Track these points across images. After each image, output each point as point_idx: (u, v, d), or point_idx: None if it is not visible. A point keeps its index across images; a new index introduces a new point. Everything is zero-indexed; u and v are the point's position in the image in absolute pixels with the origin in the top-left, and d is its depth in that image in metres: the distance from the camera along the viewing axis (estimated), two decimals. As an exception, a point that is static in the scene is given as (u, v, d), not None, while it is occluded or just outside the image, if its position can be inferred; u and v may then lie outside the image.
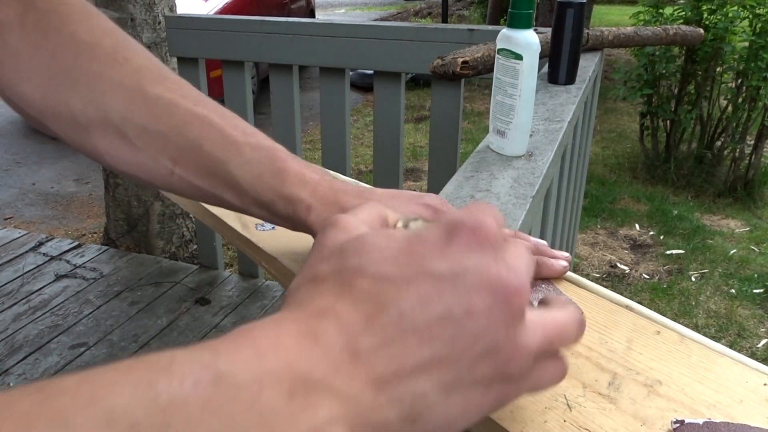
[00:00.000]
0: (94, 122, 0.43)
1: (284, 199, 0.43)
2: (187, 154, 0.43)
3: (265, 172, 0.43)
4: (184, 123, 0.43)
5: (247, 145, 0.43)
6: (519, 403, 0.37)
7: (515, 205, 0.67)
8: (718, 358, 0.41)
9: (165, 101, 0.43)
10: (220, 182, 0.44)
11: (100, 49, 0.43)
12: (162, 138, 0.43)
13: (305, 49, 1.81)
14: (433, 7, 11.47)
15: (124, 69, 0.43)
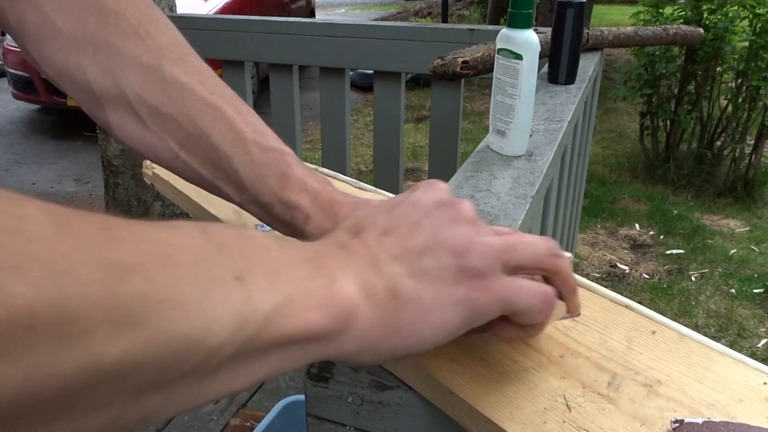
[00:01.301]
0: (109, 95, 0.43)
1: (284, 204, 0.43)
2: (195, 141, 0.43)
3: (268, 174, 0.43)
4: (196, 110, 0.43)
5: (255, 144, 0.44)
6: (518, 403, 0.37)
7: (515, 205, 0.67)
8: (718, 358, 0.41)
9: (180, 84, 0.44)
10: (223, 175, 0.44)
11: (124, 20, 0.43)
12: (172, 121, 0.43)
13: (305, 49, 1.81)
14: (433, 7, 11.47)
15: (145, 44, 0.44)
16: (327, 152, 1.95)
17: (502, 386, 0.38)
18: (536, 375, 0.39)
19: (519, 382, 0.38)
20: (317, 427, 0.44)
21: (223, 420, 1.66)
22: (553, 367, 0.40)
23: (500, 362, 0.40)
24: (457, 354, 0.40)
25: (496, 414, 0.36)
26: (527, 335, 0.36)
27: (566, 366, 0.40)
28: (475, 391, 0.37)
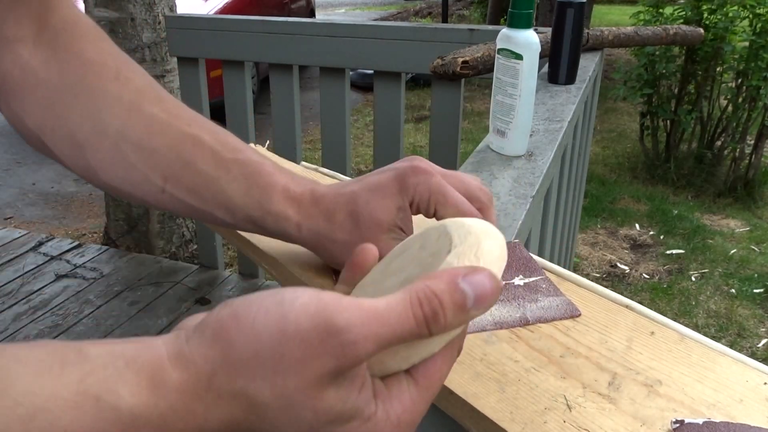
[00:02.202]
0: (91, 137, 0.44)
1: (273, 216, 0.44)
2: (179, 172, 0.44)
3: (252, 187, 0.44)
4: (177, 141, 0.44)
5: (235, 162, 0.45)
6: (518, 403, 0.37)
7: (515, 205, 0.67)
8: (718, 358, 0.41)
9: (160, 120, 0.45)
10: (211, 200, 0.45)
11: (105, 68, 0.46)
12: (155, 155, 0.44)
13: (305, 49, 1.81)
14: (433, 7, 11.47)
15: (125, 87, 0.45)
16: (327, 152, 1.95)
17: (503, 386, 0.38)
18: (537, 375, 0.39)
19: (519, 382, 0.38)
20: (317, 427, 0.44)
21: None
22: (553, 367, 0.40)
23: (500, 362, 0.40)
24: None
25: (497, 414, 0.36)
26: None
27: (567, 366, 0.40)
28: (476, 391, 0.37)
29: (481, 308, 0.27)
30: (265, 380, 0.25)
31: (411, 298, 0.26)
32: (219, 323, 0.27)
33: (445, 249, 0.30)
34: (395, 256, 0.35)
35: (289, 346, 0.25)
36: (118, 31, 2.29)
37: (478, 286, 0.26)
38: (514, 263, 0.50)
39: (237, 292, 2.30)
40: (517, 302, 0.45)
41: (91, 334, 2.04)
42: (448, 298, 0.26)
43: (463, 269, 0.27)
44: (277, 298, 0.26)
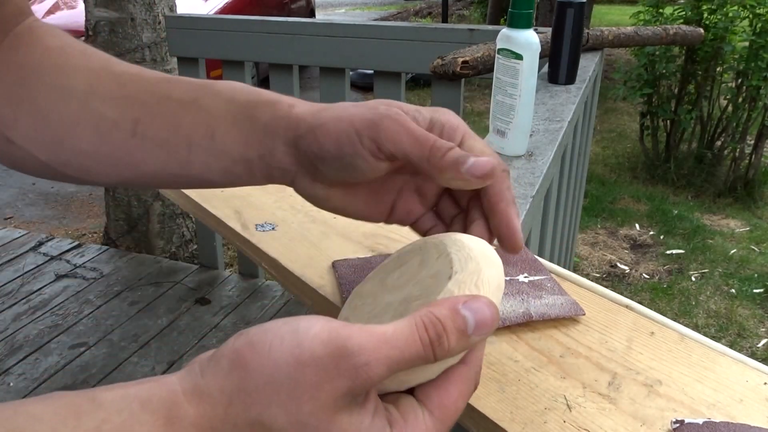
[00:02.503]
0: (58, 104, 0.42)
1: (263, 104, 0.41)
2: (153, 108, 0.41)
3: (237, 92, 0.41)
4: (151, 84, 0.42)
5: (219, 84, 0.42)
6: (519, 403, 0.37)
7: (515, 205, 0.67)
8: (718, 358, 0.41)
9: (132, 73, 0.42)
10: (186, 129, 0.40)
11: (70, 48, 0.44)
12: (127, 100, 0.41)
13: (305, 49, 1.81)
14: (433, 7, 11.47)
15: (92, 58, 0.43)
16: (327, 152, 1.94)
17: (503, 386, 0.38)
18: (537, 375, 0.39)
19: (519, 382, 0.38)
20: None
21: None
22: (553, 367, 0.40)
23: (501, 362, 0.40)
24: (457, 354, 0.40)
25: (497, 414, 0.36)
26: None
27: (567, 366, 0.40)
28: (476, 391, 0.37)
29: (481, 334, 0.28)
30: (280, 407, 0.26)
31: (416, 323, 0.27)
32: (235, 353, 0.27)
33: (445, 273, 0.30)
34: (393, 268, 0.35)
35: (304, 371, 0.26)
36: (118, 31, 2.30)
37: (478, 312, 0.28)
38: (519, 263, 0.50)
39: (237, 292, 2.30)
40: (521, 297, 0.45)
41: (91, 334, 2.04)
42: (450, 324, 0.27)
43: (463, 297, 0.29)
44: (293, 326, 0.27)
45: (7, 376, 1.85)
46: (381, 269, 0.36)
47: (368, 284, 0.36)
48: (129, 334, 2.05)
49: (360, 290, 0.36)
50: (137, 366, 1.91)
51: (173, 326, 2.10)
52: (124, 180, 0.43)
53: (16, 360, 1.91)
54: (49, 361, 1.92)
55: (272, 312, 2.18)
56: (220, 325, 2.11)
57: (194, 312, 2.18)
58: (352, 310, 0.35)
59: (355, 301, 0.35)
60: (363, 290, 0.35)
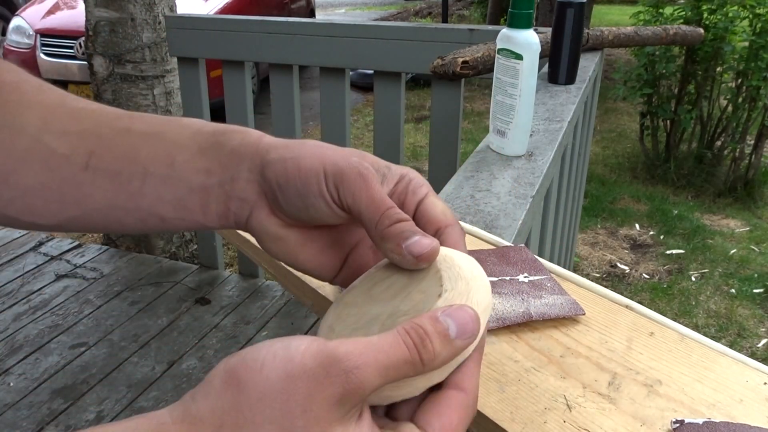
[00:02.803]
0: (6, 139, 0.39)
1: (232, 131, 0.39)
2: (111, 140, 0.39)
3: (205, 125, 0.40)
4: (111, 119, 0.40)
5: (186, 119, 0.41)
6: (518, 403, 0.37)
7: (515, 205, 0.67)
8: (718, 358, 0.41)
9: (91, 108, 0.41)
10: (145, 159, 0.38)
11: (25, 83, 0.41)
12: (83, 134, 0.39)
13: (305, 49, 1.81)
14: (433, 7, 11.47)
15: (48, 94, 0.41)
16: (327, 152, 1.94)
17: (503, 386, 0.38)
18: (537, 375, 0.39)
19: (519, 382, 0.38)
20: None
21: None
22: (553, 367, 0.40)
23: (500, 362, 0.40)
24: (457, 354, 0.40)
25: (497, 414, 0.36)
26: None
27: (567, 366, 0.40)
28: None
29: (465, 337, 0.29)
30: (273, 423, 0.26)
31: (399, 330, 0.28)
32: (227, 372, 0.27)
33: (435, 291, 0.31)
34: (380, 278, 0.35)
35: (296, 384, 0.26)
36: (118, 31, 2.30)
37: (458, 318, 0.29)
38: (519, 263, 0.50)
39: (237, 292, 2.30)
40: (521, 297, 0.45)
41: (91, 334, 2.04)
42: (432, 329, 0.28)
43: (442, 308, 0.29)
44: (285, 343, 0.27)
45: (7, 376, 1.85)
46: (367, 278, 0.36)
47: (353, 293, 0.35)
48: (129, 334, 2.05)
49: (345, 299, 0.35)
50: (137, 366, 1.91)
51: (173, 326, 2.10)
52: (68, 219, 0.40)
53: (17, 360, 1.91)
54: (50, 361, 1.92)
55: (272, 312, 2.18)
56: (220, 325, 2.11)
57: (194, 312, 2.18)
58: (336, 318, 0.34)
59: (339, 310, 0.35)
60: (348, 299, 0.35)
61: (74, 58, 4.23)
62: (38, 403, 1.75)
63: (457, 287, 0.30)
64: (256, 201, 0.38)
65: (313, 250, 0.39)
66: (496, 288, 0.46)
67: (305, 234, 0.38)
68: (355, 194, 0.35)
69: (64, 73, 4.28)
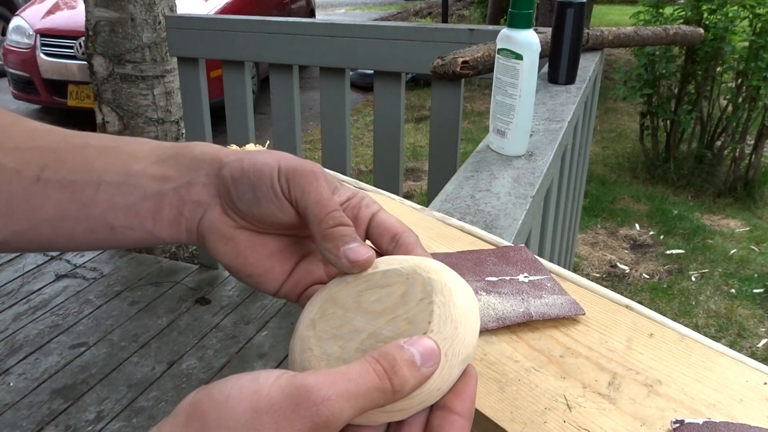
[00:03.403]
0: None
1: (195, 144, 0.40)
2: (66, 154, 0.39)
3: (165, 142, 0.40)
4: (68, 136, 0.40)
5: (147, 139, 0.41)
6: (518, 403, 0.37)
7: (515, 205, 0.67)
8: (718, 358, 0.41)
9: (47, 128, 0.40)
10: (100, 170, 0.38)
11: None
12: (36, 150, 0.39)
13: (305, 49, 1.81)
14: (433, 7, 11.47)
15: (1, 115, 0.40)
16: (327, 152, 1.95)
17: (503, 386, 0.38)
18: (537, 375, 0.39)
19: (519, 382, 0.38)
20: (317, 427, 0.44)
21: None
22: (553, 367, 0.40)
23: (500, 362, 0.40)
24: (457, 354, 0.40)
25: (497, 414, 0.36)
26: None
27: (567, 366, 0.40)
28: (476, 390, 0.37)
29: (430, 365, 0.29)
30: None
31: (368, 358, 0.28)
32: (193, 405, 0.26)
33: (420, 327, 0.30)
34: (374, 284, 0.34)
35: (262, 419, 0.25)
36: (118, 31, 2.30)
37: (420, 346, 0.29)
38: (519, 263, 0.50)
39: (237, 292, 2.30)
40: (521, 297, 0.45)
41: (91, 334, 2.04)
42: (399, 355, 0.28)
43: (404, 339, 0.29)
44: (254, 375, 0.26)
45: (7, 376, 1.85)
46: (362, 279, 0.34)
47: (343, 290, 0.34)
48: (129, 334, 2.05)
49: (333, 292, 0.34)
50: (137, 366, 1.91)
51: (173, 326, 2.10)
52: (16, 232, 0.39)
53: (16, 360, 1.91)
54: (49, 361, 1.92)
55: (272, 312, 2.18)
56: (220, 325, 2.11)
57: (194, 312, 2.18)
58: (320, 314, 0.34)
59: (325, 305, 0.34)
60: (336, 294, 0.34)
61: (74, 58, 4.23)
62: (38, 403, 1.75)
63: (443, 331, 0.30)
64: (210, 203, 0.38)
65: (262, 255, 0.39)
66: (496, 288, 0.46)
67: (255, 237, 0.39)
68: (304, 190, 0.36)
69: (64, 73, 4.28)
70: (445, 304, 0.31)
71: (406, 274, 0.33)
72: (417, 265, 0.33)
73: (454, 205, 0.66)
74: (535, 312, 0.43)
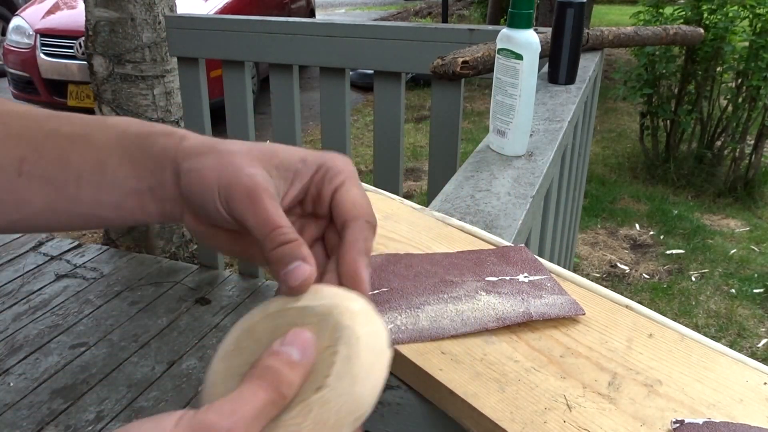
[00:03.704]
0: None
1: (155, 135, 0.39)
2: (40, 144, 0.38)
3: (131, 125, 0.40)
4: (39, 121, 0.39)
5: (112, 119, 0.41)
6: (518, 403, 0.37)
7: (515, 205, 0.67)
8: (718, 358, 0.41)
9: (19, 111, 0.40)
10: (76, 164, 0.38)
11: None
12: (10, 140, 0.38)
13: (305, 49, 1.81)
14: (433, 7, 11.47)
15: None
16: (327, 152, 1.94)
17: (503, 386, 0.38)
18: (537, 375, 0.39)
19: (519, 382, 0.38)
20: (317, 427, 0.44)
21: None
22: (553, 367, 0.40)
23: (500, 362, 0.40)
24: (457, 353, 0.40)
25: (497, 414, 0.36)
26: None
27: (567, 366, 0.40)
28: (476, 391, 0.37)
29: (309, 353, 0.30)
30: None
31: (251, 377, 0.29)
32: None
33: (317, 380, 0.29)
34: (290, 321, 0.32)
35: None
36: (118, 31, 2.30)
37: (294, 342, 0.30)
38: (519, 263, 0.50)
39: (237, 291, 2.30)
40: (521, 297, 0.45)
41: (91, 334, 2.04)
42: (277, 363, 0.29)
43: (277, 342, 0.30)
44: (156, 418, 0.26)
45: (7, 376, 1.85)
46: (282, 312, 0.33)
47: (262, 325, 0.33)
48: (129, 334, 2.05)
49: (253, 326, 0.33)
50: (137, 366, 1.91)
51: (173, 326, 2.10)
52: (10, 222, 0.40)
53: (16, 360, 1.91)
54: (49, 361, 1.92)
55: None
56: (220, 325, 2.11)
57: (194, 312, 2.18)
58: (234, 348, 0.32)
59: (242, 338, 0.33)
60: (255, 329, 0.33)
61: (74, 58, 4.23)
62: (38, 403, 1.75)
63: (338, 387, 0.29)
64: (183, 203, 0.38)
65: (245, 244, 0.39)
66: (496, 288, 0.46)
67: (232, 232, 0.39)
68: (243, 211, 0.35)
69: (64, 73, 4.28)
70: (349, 357, 0.30)
71: (321, 314, 0.32)
72: (335, 305, 0.32)
73: (454, 205, 0.66)
74: (535, 312, 0.43)
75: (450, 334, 0.41)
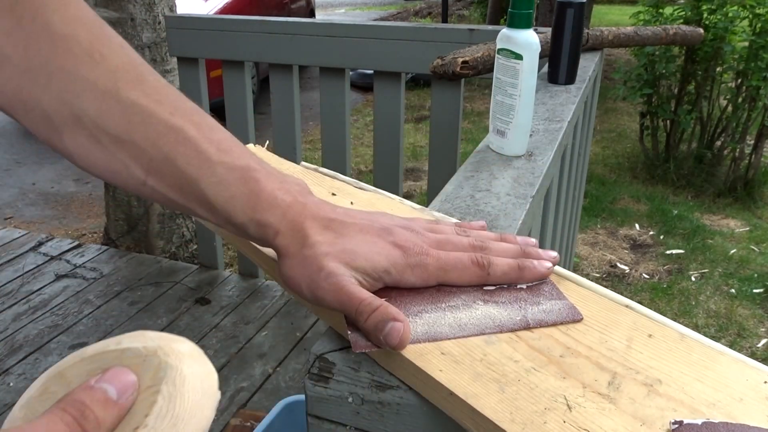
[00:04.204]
0: (67, 122, 0.41)
1: (255, 223, 0.43)
2: (161, 166, 0.41)
3: (237, 194, 0.42)
4: (158, 135, 0.41)
5: (221, 165, 0.42)
6: (518, 403, 0.37)
7: (515, 205, 0.67)
8: (718, 357, 0.41)
9: (140, 109, 0.41)
10: (193, 198, 0.43)
11: (75, 44, 0.41)
12: (135, 148, 0.41)
13: (305, 49, 1.81)
14: (433, 7, 11.47)
15: (100, 68, 0.41)
16: (327, 152, 1.95)
17: (503, 386, 0.38)
18: (536, 375, 0.39)
19: (519, 383, 0.38)
20: (317, 427, 0.44)
21: (223, 420, 1.66)
22: (553, 367, 0.40)
23: (500, 362, 0.40)
24: (457, 354, 0.40)
25: (497, 414, 0.36)
26: None
27: (566, 366, 0.40)
28: (476, 391, 0.37)
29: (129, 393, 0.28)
30: None
31: (56, 408, 0.26)
32: None
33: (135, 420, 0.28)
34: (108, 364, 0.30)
35: None
36: (118, 31, 2.29)
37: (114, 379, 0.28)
38: None
39: (237, 291, 2.30)
40: (519, 305, 0.45)
41: (91, 334, 2.04)
42: (89, 398, 0.27)
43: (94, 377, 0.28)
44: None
45: (7, 376, 1.85)
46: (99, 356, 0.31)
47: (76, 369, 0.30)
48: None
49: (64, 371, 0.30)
50: (137, 366, 1.91)
51: (173, 326, 2.09)
52: None
53: (16, 360, 1.91)
54: (49, 361, 1.92)
55: (272, 312, 2.18)
56: (220, 325, 2.11)
57: (194, 312, 2.18)
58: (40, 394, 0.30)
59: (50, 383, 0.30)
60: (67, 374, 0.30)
61: (74, 58, 4.23)
62: (38, 403, 1.75)
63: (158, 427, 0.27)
64: None
65: None
66: (494, 297, 0.46)
67: None
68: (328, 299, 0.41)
69: (64, 73, 4.27)
70: (172, 396, 0.28)
71: (145, 355, 0.30)
72: (160, 346, 0.31)
73: (454, 205, 0.66)
74: (533, 320, 0.44)
75: (448, 338, 0.41)
